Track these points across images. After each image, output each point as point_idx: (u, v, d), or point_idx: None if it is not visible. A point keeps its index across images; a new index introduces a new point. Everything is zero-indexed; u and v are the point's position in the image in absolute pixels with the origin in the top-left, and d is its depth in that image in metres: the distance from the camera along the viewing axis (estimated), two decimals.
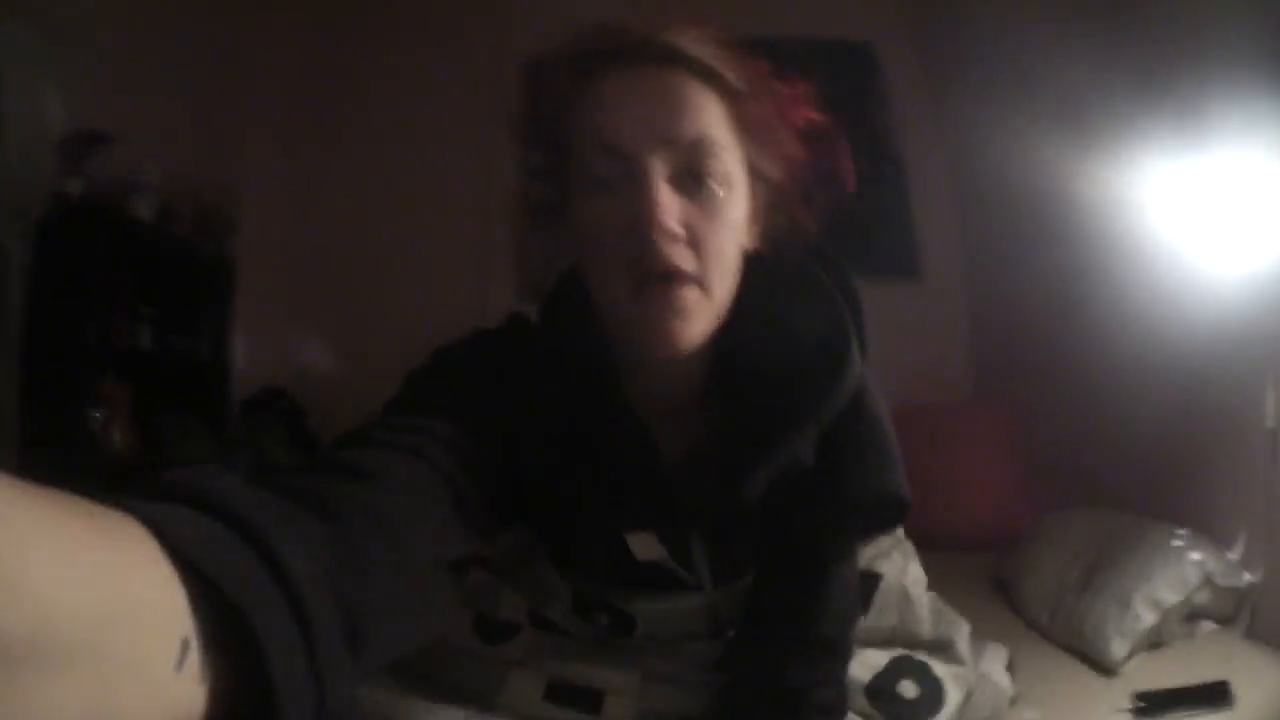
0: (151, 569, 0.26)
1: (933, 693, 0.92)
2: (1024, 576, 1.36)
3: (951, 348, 2.18)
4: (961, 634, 0.98)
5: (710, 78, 0.60)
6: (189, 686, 0.26)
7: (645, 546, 0.74)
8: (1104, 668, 1.11)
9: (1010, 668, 1.04)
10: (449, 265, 2.03)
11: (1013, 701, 1.01)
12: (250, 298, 2.00)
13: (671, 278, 0.58)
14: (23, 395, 1.38)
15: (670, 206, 0.57)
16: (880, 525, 0.78)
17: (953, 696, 0.93)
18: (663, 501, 0.70)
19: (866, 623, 0.92)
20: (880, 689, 0.90)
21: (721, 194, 0.59)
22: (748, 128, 0.62)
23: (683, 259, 0.58)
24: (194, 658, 0.26)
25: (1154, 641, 1.15)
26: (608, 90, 0.60)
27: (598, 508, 0.71)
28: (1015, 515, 1.65)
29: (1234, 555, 1.25)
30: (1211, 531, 1.26)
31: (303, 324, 2.05)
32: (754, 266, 0.65)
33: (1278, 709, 1.01)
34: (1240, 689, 1.01)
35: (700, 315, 0.60)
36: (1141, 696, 1.02)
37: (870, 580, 0.95)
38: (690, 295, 0.59)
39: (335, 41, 1.96)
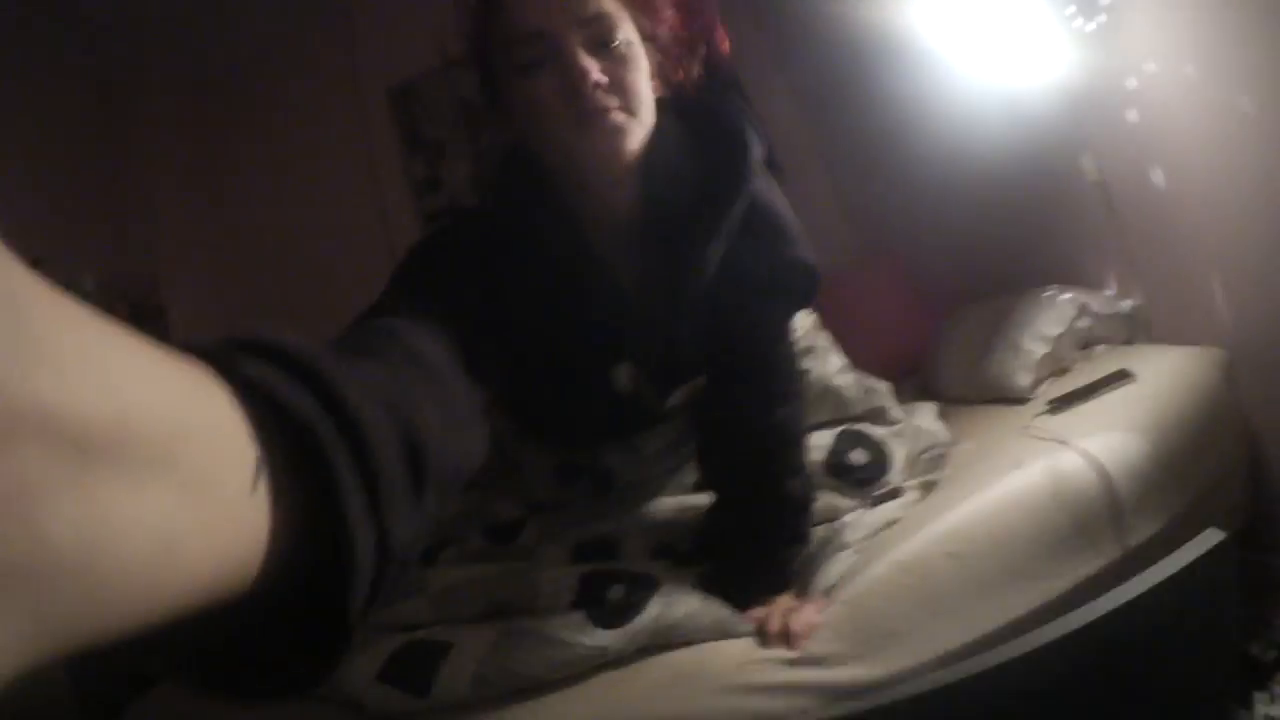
0: (219, 392, 0.26)
1: (879, 453, 1.06)
2: (938, 368, 1.54)
3: (833, 229, 2.26)
4: (889, 399, 1.15)
5: None
6: (259, 512, 0.26)
7: (623, 375, 0.88)
8: (1017, 400, 1.28)
9: (942, 417, 1.21)
10: (364, 288, 2.14)
11: (950, 443, 1.16)
12: None
13: (604, 110, 0.75)
14: None
15: (589, 63, 0.75)
16: (800, 294, 0.92)
17: (897, 452, 1.08)
18: (627, 317, 0.84)
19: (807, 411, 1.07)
20: (835, 463, 1.04)
21: (626, 51, 0.77)
22: (635, 2, 0.79)
23: (609, 96, 0.75)
24: (265, 481, 0.26)
25: (1057, 368, 1.33)
26: None
27: (574, 345, 0.84)
28: (924, 339, 1.78)
29: (1109, 290, 1.46)
30: (1084, 280, 1.47)
31: None
32: (662, 108, 0.82)
33: (1171, 379, 1.12)
34: (1139, 372, 1.13)
35: (631, 133, 0.77)
36: (1053, 400, 1.17)
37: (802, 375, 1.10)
38: (620, 117, 0.76)
39: (214, 104, 2.07)
